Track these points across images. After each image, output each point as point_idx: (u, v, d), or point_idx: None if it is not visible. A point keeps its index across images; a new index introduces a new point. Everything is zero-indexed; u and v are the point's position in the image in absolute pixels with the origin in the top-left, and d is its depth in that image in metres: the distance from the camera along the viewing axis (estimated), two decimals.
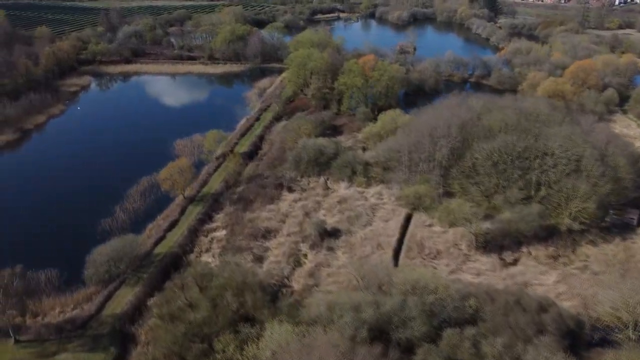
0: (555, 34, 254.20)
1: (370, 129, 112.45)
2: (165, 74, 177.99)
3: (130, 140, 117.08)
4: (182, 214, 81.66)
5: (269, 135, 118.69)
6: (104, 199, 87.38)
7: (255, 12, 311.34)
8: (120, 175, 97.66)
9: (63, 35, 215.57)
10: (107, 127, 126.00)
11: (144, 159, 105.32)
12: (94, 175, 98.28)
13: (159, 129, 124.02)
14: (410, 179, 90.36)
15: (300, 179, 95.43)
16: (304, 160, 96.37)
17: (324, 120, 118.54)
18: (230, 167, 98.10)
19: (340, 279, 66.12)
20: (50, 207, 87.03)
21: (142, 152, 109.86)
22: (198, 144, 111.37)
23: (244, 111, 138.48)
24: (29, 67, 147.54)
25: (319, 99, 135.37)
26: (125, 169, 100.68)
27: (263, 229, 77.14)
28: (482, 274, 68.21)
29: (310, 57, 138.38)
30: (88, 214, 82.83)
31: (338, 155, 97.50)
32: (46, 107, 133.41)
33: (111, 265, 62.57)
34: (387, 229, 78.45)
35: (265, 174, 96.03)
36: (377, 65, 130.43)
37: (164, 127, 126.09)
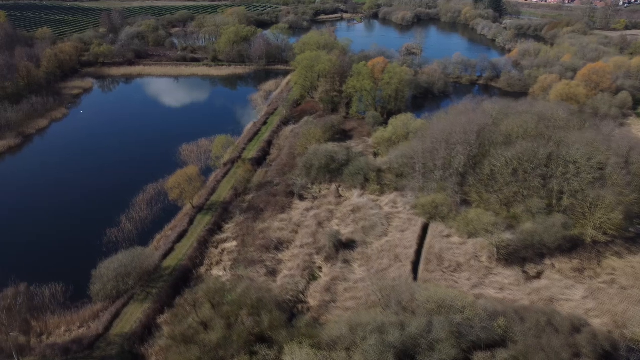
0: (561, 35, 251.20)
1: (381, 134, 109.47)
2: (168, 76, 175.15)
3: (135, 145, 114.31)
4: (190, 223, 78.71)
5: (277, 140, 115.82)
6: (109, 208, 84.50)
7: (258, 13, 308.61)
8: (125, 182, 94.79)
9: (65, 36, 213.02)
10: (111, 131, 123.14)
11: (150, 165, 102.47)
12: (98, 182, 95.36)
13: (164, 133, 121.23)
14: (425, 186, 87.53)
15: (311, 187, 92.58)
16: (315, 167, 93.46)
17: (333, 125, 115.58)
18: (239, 173, 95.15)
19: (358, 294, 63.24)
20: (53, 216, 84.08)
21: (147, 158, 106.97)
22: (205, 149, 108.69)
23: (250, 114, 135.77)
24: (31, 69, 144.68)
25: (327, 102, 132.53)
26: (130, 176, 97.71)
27: (275, 240, 74.20)
28: (506, 289, 65.28)
29: (318, 60, 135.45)
30: (93, 223, 79.98)
31: (350, 162, 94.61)
32: (48, 111, 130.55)
33: (119, 281, 59.67)
34: (404, 240, 75.51)
35: (275, 181, 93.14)
36: (386, 68, 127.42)
37: (169, 131, 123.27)
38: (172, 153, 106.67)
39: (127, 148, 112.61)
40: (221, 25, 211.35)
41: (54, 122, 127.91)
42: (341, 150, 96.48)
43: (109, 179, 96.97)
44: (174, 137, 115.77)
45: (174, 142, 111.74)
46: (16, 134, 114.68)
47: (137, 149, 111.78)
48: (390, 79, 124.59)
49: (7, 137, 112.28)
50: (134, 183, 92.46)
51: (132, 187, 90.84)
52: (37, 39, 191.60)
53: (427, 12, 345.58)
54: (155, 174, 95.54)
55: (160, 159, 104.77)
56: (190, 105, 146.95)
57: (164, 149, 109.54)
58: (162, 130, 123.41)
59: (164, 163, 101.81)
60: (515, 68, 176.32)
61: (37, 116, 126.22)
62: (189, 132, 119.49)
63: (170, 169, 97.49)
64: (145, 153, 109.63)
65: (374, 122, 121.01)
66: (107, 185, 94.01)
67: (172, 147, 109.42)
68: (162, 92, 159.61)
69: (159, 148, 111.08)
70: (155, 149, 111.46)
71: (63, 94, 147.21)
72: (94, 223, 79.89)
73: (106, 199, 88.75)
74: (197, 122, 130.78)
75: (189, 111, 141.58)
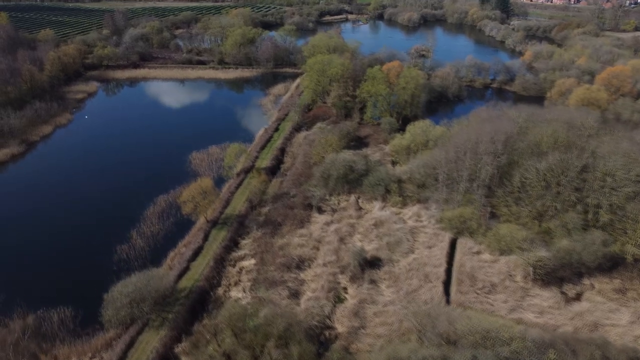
0: (572, 36, 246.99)
1: (399, 141, 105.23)
2: (174, 80, 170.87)
3: (143, 153, 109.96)
4: (205, 239, 74.40)
5: (291, 148, 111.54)
6: (119, 222, 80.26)
7: (262, 14, 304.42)
8: (134, 193, 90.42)
9: (67, 38, 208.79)
10: (117, 138, 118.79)
11: (159, 175, 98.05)
12: (106, 194, 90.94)
13: (172, 140, 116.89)
14: (450, 198, 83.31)
15: (329, 198, 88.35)
16: (333, 177, 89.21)
17: (349, 132, 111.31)
18: (253, 184, 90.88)
19: (389, 319, 58.95)
20: (59, 231, 79.55)
21: (156, 167, 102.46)
22: (216, 157, 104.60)
23: (260, 120, 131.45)
24: (34, 73, 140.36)
25: (341, 108, 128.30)
26: (139, 187, 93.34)
27: (296, 258, 69.89)
28: (546, 312, 61.01)
29: (330, 64, 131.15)
30: (102, 239, 75.75)
31: (369, 172, 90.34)
32: (52, 117, 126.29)
33: (133, 307, 55.36)
34: (432, 257, 71.23)
35: (291, 193, 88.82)
36: (402, 73, 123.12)
37: (177, 137, 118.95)
38: (182, 162, 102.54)
39: (135, 156, 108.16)
40: (227, 26, 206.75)
41: (59, 128, 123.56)
42: (360, 160, 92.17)
43: (117, 190, 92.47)
44: (183, 144, 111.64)
45: (184, 149, 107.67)
46: (19, 142, 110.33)
47: (146, 158, 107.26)
48: (407, 84, 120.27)
49: (10, 145, 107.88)
50: (144, 195, 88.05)
51: (142, 199, 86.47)
52: (40, 41, 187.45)
53: (433, 13, 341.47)
54: (166, 184, 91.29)
55: (170, 168, 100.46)
56: (198, 110, 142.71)
57: (173, 157, 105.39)
58: (170, 137, 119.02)
59: (174, 173, 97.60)
60: (530, 71, 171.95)
61: (41, 122, 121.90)
62: (199, 139, 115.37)
63: (181, 179, 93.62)
64: (154, 162, 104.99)
65: (390, 129, 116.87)
66: (116, 197, 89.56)
67: (181, 155, 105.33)
68: (168, 96, 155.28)
69: (168, 156, 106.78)
70: (164, 157, 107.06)
71: (67, 98, 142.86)
72: (103, 239, 75.63)
73: (115, 213, 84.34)
74: (205, 127, 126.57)
75: (196, 116, 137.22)
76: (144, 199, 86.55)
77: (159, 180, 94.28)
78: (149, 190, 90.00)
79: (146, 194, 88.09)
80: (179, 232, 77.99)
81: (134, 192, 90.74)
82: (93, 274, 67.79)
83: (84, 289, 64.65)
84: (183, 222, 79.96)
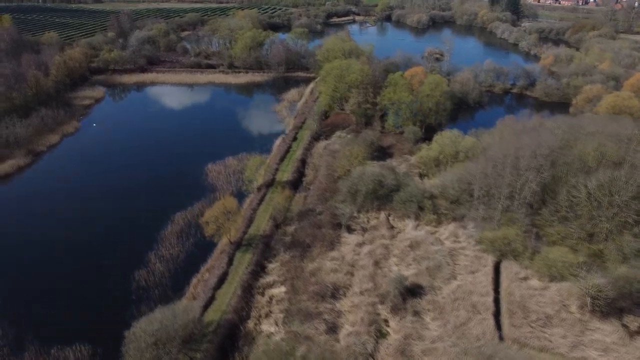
0: (588, 39, 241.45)
1: (426, 152, 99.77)
2: (183, 85, 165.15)
3: (155, 165, 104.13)
4: (229, 264, 68.82)
5: (311, 159, 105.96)
6: (135, 243, 74.74)
7: (269, 16, 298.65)
8: (149, 210, 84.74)
9: (72, 41, 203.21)
10: (127, 148, 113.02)
11: (175, 189, 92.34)
12: (118, 211, 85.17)
13: (185, 150, 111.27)
14: (488, 216, 77.80)
15: (358, 215, 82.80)
16: (361, 193, 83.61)
17: (372, 142, 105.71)
18: (277, 200, 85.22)
19: (440, 358, 53.32)
20: (70, 254, 73.48)
21: (170, 180, 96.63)
22: (233, 169, 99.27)
23: (276, 128, 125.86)
24: (39, 78, 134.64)
25: (360, 115, 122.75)
26: (154, 203, 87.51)
27: (330, 285, 64.26)
28: (611, 350, 55.45)
29: (349, 69, 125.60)
30: (117, 263, 70.06)
31: (400, 187, 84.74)
32: (59, 125, 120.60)
33: (159, 348, 49.64)
34: (477, 284, 65.67)
35: (317, 209, 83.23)
36: (426, 79, 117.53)
37: (190, 147, 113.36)
38: (197, 174, 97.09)
39: (147, 168, 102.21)
40: (236, 29, 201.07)
41: (66, 136, 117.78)
42: (389, 174, 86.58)
43: (131, 206, 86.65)
44: (198, 155, 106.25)
45: (199, 160, 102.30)
46: (25, 152, 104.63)
47: (159, 170, 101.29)
48: (431, 91, 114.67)
49: (15, 156, 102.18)
50: (160, 212, 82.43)
51: (158, 217, 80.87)
52: (44, 44, 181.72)
53: (442, 14, 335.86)
54: (182, 200, 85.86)
55: (185, 182, 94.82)
56: (209, 116, 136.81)
57: (188, 169, 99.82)
58: (183, 146, 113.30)
59: (190, 187, 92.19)
60: (551, 76, 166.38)
61: (48, 131, 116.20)
62: (213, 149, 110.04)
63: (198, 194, 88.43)
64: (168, 175, 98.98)
65: (414, 138, 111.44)
66: (130, 215, 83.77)
67: (197, 167, 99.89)
68: (178, 102, 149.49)
69: (183, 168, 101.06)
70: (178, 169, 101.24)
71: (74, 104, 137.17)
72: (119, 263, 69.95)
73: (130, 232, 78.68)
74: (219, 136, 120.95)
75: (209, 123, 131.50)
76: (160, 217, 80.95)
77: (175, 196, 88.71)
78: (164, 206, 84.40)
79: (162, 212, 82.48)
80: (200, 255, 72.36)
81: (149, 209, 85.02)
82: (111, 303, 62.32)
83: (102, 322, 59.07)
84: (204, 243, 74.31)
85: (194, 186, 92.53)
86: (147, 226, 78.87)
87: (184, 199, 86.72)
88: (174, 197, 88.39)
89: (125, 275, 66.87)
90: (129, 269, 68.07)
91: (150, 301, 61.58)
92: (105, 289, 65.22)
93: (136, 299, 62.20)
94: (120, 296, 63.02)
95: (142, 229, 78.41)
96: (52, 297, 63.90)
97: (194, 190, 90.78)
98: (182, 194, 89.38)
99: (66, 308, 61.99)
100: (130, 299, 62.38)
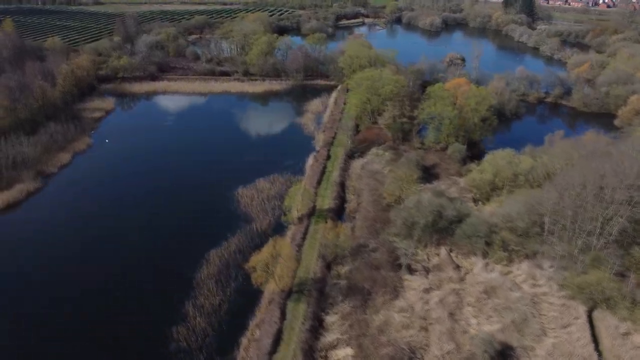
0: (611, 43, 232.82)
1: (478, 175, 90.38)
2: (198, 94, 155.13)
3: (178, 188, 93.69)
4: (282, 317, 59.11)
5: (350, 181, 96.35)
6: (166, 290, 64.73)
7: (277, 18, 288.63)
8: (178, 246, 74.75)
9: (76, 45, 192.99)
10: (143, 168, 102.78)
11: (204, 219, 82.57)
12: (142, 247, 75.09)
13: (209, 170, 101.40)
14: (567, 254, 68.36)
15: (416, 252, 73.26)
16: (419, 225, 73.99)
17: (417, 162, 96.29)
18: (322, 234, 75.45)
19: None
20: (87, 302, 63.30)
21: (198, 208, 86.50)
22: (266, 193, 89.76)
23: (305, 143, 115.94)
24: (46, 90, 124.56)
25: (397, 130, 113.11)
26: (182, 237, 77.43)
27: (406, 347, 54.65)
28: None
29: (382, 80, 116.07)
30: (149, 317, 60.15)
31: (462, 219, 75.19)
32: (70, 141, 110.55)
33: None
34: (574, 343, 56.16)
35: (369, 245, 73.62)
36: (471, 91, 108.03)
37: (215, 166, 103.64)
38: (227, 201, 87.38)
39: (169, 193, 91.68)
40: (249, 33, 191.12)
41: (77, 154, 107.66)
42: (448, 203, 77.00)
43: (155, 242, 76.28)
44: (223, 176, 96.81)
45: (225, 183, 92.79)
46: (34, 174, 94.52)
47: (182, 195, 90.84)
48: (477, 105, 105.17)
49: (24, 179, 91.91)
50: (191, 249, 72.48)
51: (190, 256, 70.91)
52: (47, 49, 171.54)
53: (454, 16, 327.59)
54: (216, 234, 76.11)
55: (215, 210, 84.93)
56: (230, 130, 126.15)
57: (216, 194, 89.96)
58: (206, 166, 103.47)
59: (221, 216, 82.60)
60: (587, 84, 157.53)
61: (57, 148, 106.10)
62: (240, 168, 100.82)
63: (231, 224, 79.04)
64: (193, 202, 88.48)
65: (460, 157, 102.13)
66: (156, 252, 73.65)
67: (225, 191, 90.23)
68: (193, 114, 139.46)
69: (210, 193, 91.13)
70: (204, 194, 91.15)
71: (83, 117, 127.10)
72: (150, 317, 60.04)
73: (158, 276, 68.06)
74: (243, 152, 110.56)
75: (231, 138, 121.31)
76: (192, 256, 71.05)
77: (205, 228, 79.18)
78: (195, 242, 74.58)
79: (194, 249, 72.55)
80: (245, 304, 62.48)
81: (178, 245, 75.10)
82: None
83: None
84: (247, 288, 64.37)
85: (226, 215, 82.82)
86: (179, 267, 68.94)
87: (216, 231, 76.94)
88: (205, 229, 78.80)
89: (160, 332, 57.03)
90: (164, 324, 58.24)
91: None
92: (136, 351, 55.23)
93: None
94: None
95: (173, 272, 68.33)
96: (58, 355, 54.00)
97: (226, 220, 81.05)
98: (213, 225, 79.70)
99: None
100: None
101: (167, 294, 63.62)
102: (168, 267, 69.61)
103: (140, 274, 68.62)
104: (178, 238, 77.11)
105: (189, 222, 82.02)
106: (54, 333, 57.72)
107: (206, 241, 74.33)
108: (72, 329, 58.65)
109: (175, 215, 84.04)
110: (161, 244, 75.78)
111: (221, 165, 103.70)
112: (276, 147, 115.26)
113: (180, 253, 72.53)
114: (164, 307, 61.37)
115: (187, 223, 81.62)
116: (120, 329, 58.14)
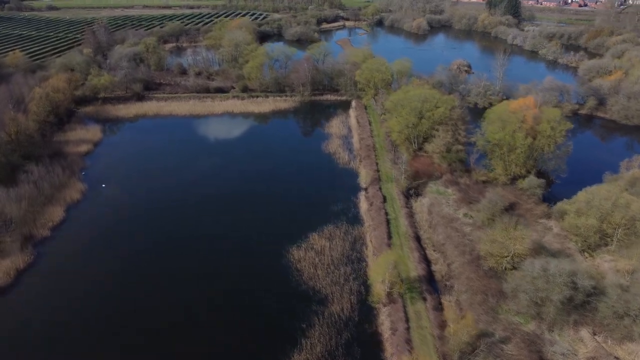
0: (611, 45, 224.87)
1: (581, 220, 74.75)
2: (196, 116, 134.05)
3: (204, 252, 73.18)
4: None
5: (423, 232, 79.15)
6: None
7: (257, 24, 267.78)
8: (218, 345, 55.51)
9: (42, 60, 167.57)
10: (153, 222, 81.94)
11: (254, 299, 62.97)
12: (165, 346, 55.58)
13: (241, 221, 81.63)
14: None
15: (551, 336, 56.90)
16: (554, 303, 57.59)
17: (496, 202, 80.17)
18: (425, 319, 57.91)
19: None
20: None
21: (242, 281, 66.73)
22: (329, 256, 72.00)
23: (345, 178, 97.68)
24: (19, 122, 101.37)
25: (452, 160, 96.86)
26: (229, 334, 58.12)
27: None
28: None
29: (435, 101, 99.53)
30: None
31: (602, 292, 59.32)
32: (58, 189, 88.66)
33: None
34: None
35: (496, 334, 56.61)
36: (543, 114, 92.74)
37: (247, 215, 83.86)
38: (283, 269, 68.34)
39: (194, 258, 71.25)
40: (242, 43, 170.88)
41: (71, 206, 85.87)
42: (580, 270, 60.92)
43: (182, 335, 56.98)
44: (262, 230, 77.89)
45: (270, 240, 74.12)
46: (22, 242, 72.61)
47: (213, 262, 70.38)
48: (553, 129, 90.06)
49: (10, 252, 69.50)
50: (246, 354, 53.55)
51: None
52: (9, 66, 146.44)
53: (438, 18, 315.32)
54: (278, 324, 57.16)
55: (267, 286, 65.27)
56: (251, 164, 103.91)
57: (261, 259, 71.03)
58: (236, 216, 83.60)
59: (279, 292, 63.58)
60: (616, 93, 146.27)
61: (45, 201, 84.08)
62: (279, 218, 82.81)
63: (302, 308, 59.94)
64: (232, 272, 68.26)
65: (538, 193, 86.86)
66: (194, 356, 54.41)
67: (272, 253, 71.71)
68: (197, 143, 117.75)
69: (252, 257, 71.62)
70: (244, 258, 71.36)
71: (67, 153, 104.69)
72: None
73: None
74: (278, 194, 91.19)
75: (256, 176, 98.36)
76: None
77: (261, 317, 60.03)
78: (251, 339, 55.55)
79: (264, 353, 53.58)
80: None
81: (217, 345, 55.84)
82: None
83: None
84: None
85: (286, 291, 63.84)
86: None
87: (287, 322, 58.04)
88: (261, 317, 59.65)
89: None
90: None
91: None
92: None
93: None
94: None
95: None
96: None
97: (289, 299, 62.11)
98: (271, 307, 60.69)
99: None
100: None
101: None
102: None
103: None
104: (222, 335, 57.58)
105: (234, 304, 62.40)
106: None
107: (269, 338, 55.33)
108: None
109: (210, 296, 64.17)
110: (199, 340, 56.35)
111: (256, 215, 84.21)
112: (312, 184, 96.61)
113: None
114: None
115: (232, 306, 62.04)
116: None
